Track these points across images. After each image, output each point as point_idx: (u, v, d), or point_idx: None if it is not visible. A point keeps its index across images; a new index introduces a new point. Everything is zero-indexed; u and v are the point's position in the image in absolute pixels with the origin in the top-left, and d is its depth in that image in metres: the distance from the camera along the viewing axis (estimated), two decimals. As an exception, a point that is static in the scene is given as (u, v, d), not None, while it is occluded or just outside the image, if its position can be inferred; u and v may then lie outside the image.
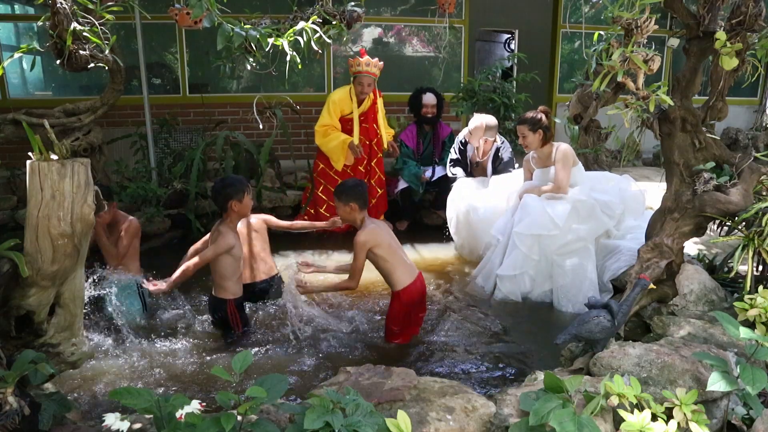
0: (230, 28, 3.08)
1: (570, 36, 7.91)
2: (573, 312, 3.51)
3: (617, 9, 2.65)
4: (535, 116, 3.85)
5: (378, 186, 5.15)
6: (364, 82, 4.74)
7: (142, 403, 1.57)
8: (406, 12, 7.16)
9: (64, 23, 3.28)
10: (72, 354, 2.22)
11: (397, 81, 7.32)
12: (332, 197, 4.93)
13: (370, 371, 2.16)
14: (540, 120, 3.83)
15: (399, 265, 3.03)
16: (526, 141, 3.87)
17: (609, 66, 2.58)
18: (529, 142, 3.87)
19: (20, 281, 2.00)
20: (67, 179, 1.91)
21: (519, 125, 3.91)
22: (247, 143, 5.08)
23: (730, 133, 7.57)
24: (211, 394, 2.55)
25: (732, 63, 2.55)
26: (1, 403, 1.67)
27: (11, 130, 3.99)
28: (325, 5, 3.83)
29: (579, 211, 3.67)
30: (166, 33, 6.66)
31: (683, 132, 2.86)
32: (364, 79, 4.73)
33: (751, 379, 1.86)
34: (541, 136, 3.84)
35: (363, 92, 4.79)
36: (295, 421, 1.68)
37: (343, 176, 4.88)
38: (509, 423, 1.82)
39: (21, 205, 4.68)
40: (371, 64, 4.71)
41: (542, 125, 3.83)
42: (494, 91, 5.99)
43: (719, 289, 2.91)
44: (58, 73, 6.62)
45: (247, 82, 7.17)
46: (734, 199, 2.71)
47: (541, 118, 3.84)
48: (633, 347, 2.19)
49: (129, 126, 6.11)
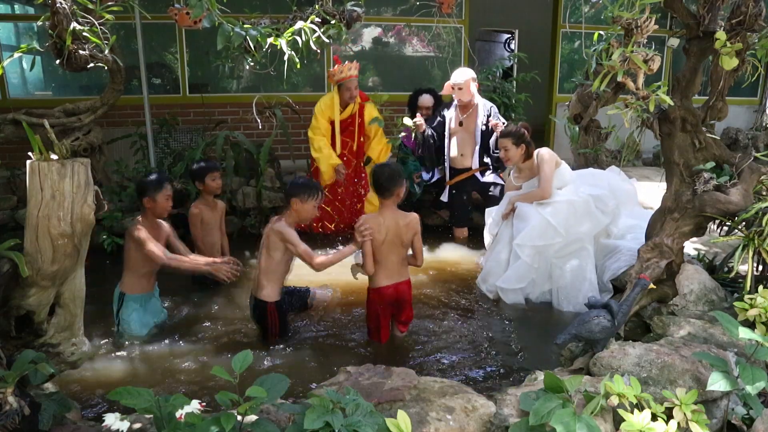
0: (230, 28, 3.08)
1: (570, 36, 7.91)
2: (573, 311, 3.51)
3: (617, 9, 2.65)
4: (519, 130, 3.87)
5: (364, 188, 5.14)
6: (351, 86, 4.71)
7: (142, 403, 1.57)
8: (406, 12, 7.16)
9: (64, 23, 3.28)
10: (72, 354, 2.22)
11: (397, 81, 7.33)
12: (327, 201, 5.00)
13: (370, 371, 2.16)
14: (523, 134, 3.86)
15: (382, 264, 2.99)
16: (508, 154, 3.88)
17: (609, 66, 2.58)
18: (510, 156, 3.89)
19: (20, 281, 2.00)
20: (67, 179, 1.90)
21: (502, 138, 3.92)
22: (247, 143, 5.08)
23: (730, 133, 7.57)
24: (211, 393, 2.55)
25: (732, 63, 2.55)
26: (1, 403, 1.67)
27: (11, 130, 3.99)
28: (325, 5, 3.83)
29: (576, 212, 3.66)
30: (166, 33, 6.67)
31: (683, 132, 2.86)
32: (351, 83, 4.71)
33: (751, 379, 1.86)
34: (524, 150, 3.87)
35: (351, 96, 4.75)
36: (295, 421, 1.68)
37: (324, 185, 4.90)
38: (509, 423, 1.82)
39: (21, 205, 4.67)
40: (352, 68, 4.70)
41: (525, 140, 3.86)
42: (494, 91, 6.00)
43: (719, 289, 2.92)
44: (58, 73, 6.62)
45: (247, 82, 7.17)
46: (734, 199, 2.71)
47: (524, 132, 3.87)
48: (633, 347, 2.19)
49: (129, 126, 6.10)
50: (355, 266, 3.06)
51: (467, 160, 4.87)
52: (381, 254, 2.98)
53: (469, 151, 4.85)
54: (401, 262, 3.06)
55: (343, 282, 3.53)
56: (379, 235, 2.95)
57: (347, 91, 4.71)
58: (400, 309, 3.10)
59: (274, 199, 5.19)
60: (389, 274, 3.02)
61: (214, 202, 3.91)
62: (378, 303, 3.03)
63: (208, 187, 3.78)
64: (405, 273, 3.10)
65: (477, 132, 4.79)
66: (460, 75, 4.69)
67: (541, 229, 3.62)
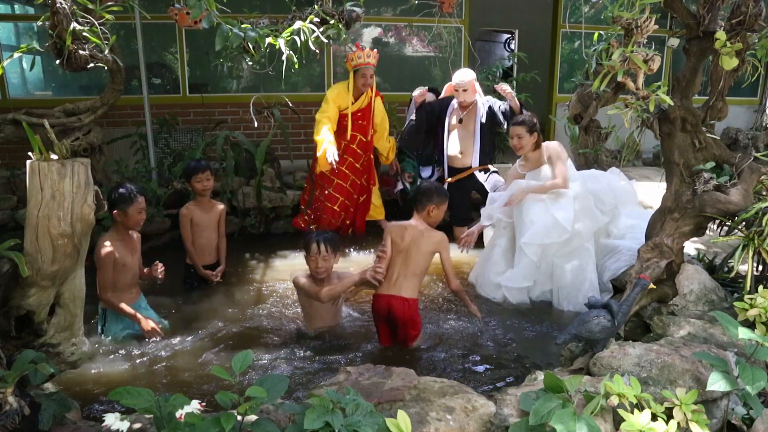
0: (228, 29, 3.08)
1: (570, 36, 7.91)
2: (573, 311, 3.51)
3: (617, 9, 2.65)
4: (532, 118, 3.85)
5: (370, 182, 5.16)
6: (367, 74, 4.67)
7: (142, 403, 1.57)
8: (406, 12, 7.17)
9: (64, 23, 3.28)
10: (72, 354, 2.22)
11: (397, 81, 7.33)
12: (334, 200, 5.03)
13: (370, 371, 2.16)
14: (536, 123, 3.84)
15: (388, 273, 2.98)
16: (522, 142, 3.84)
17: (609, 66, 2.58)
18: (524, 144, 3.84)
19: (20, 281, 2.00)
20: (67, 179, 1.91)
21: (515, 126, 3.87)
22: (247, 143, 5.08)
23: (730, 133, 7.57)
24: (211, 393, 2.55)
25: (732, 63, 2.55)
26: (1, 403, 1.67)
27: (11, 130, 3.99)
28: (324, 5, 3.83)
29: (582, 208, 3.65)
30: (166, 33, 6.66)
31: (683, 132, 2.86)
32: (367, 71, 4.67)
33: (750, 379, 1.86)
34: (536, 139, 3.85)
35: (366, 84, 4.71)
36: (295, 421, 1.68)
37: (340, 177, 4.89)
38: (509, 423, 1.82)
39: (21, 205, 4.67)
40: (371, 56, 4.68)
41: (537, 128, 3.84)
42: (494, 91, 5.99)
43: (719, 289, 2.91)
44: (58, 73, 6.62)
45: (247, 82, 7.17)
46: (734, 199, 2.71)
47: (536, 121, 3.85)
48: (633, 347, 2.19)
49: (129, 126, 6.10)
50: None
51: (467, 159, 4.85)
52: (392, 263, 2.98)
53: (468, 149, 4.83)
54: (407, 278, 2.98)
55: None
56: (401, 243, 2.96)
57: (362, 78, 4.66)
58: (395, 326, 3.00)
59: (274, 199, 5.20)
60: (388, 285, 2.98)
61: (210, 204, 3.83)
62: (373, 309, 3.04)
63: (194, 189, 3.74)
64: (406, 290, 2.98)
65: (477, 130, 4.78)
66: (464, 76, 4.65)
67: (548, 227, 3.61)
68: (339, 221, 5.00)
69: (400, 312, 2.95)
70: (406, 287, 2.99)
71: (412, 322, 2.99)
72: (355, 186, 5.03)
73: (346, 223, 5.07)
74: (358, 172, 4.97)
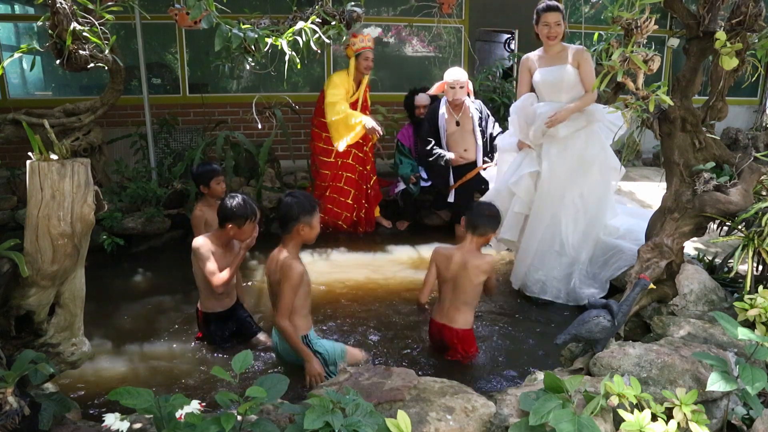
0: (228, 29, 3.08)
1: (570, 36, 7.90)
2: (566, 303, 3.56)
3: (617, 9, 2.65)
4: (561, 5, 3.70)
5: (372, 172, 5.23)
6: (369, 56, 4.80)
7: (142, 403, 1.57)
8: (406, 12, 7.17)
9: (64, 23, 3.28)
10: (72, 354, 2.22)
11: (397, 81, 7.33)
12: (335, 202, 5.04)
13: (370, 371, 2.16)
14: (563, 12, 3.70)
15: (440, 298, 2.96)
16: (559, 30, 3.70)
17: (609, 66, 2.59)
18: (559, 32, 3.71)
19: (20, 281, 2.00)
20: (67, 179, 1.90)
21: (551, 12, 3.66)
22: (247, 143, 5.08)
23: (730, 133, 7.57)
24: (211, 393, 2.55)
25: (732, 63, 2.55)
26: (1, 403, 1.67)
27: (11, 130, 3.99)
28: (325, 5, 3.83)
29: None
30: (166, 33, 6.66)
31: (683, 132, 2.86)
32: (369, 54, 4.80)
33: (750, 379, 1.86)
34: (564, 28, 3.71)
35: (368, 66, 4.82)
36: (295, 421, 1.68)
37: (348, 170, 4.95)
38: (509, 423, 1.82)
39: (21, 205, 4.67)
40: (370, 39, 4.81)
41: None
42: (494, 91, 6.00)
43: (719, 289, 2.91)
44: (58, 73, 6.62)
45: (247, 82, 7.17)
46: (734, 199, 2.71)
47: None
48: (633, 347, 2.19)
49: (129, 126, 6.10)
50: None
51: (471, 154, 4.89)
52: (441, 289, 2.95)
53: (471, 145, 4.87)
54: (458, 309, 2.87)
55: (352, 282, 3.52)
56: (446, 271, 2.88)
57: (365, 61, 4.79)
58: (445, 348, 2.94)
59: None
60: (440, 311, 2.93)
61: (217, 204, 3.85)
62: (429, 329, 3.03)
63: (213, 191, 3.69)
64: (455, 320, 2.87)
65: (476, 129, 4.79)
66: (459, 73, 4.69)
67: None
68: (354, 215, 5.11)
69: (452, 341, 2.90)
70: (458, 318, 2.88)
71: (464, 350, 2.92)
72: (362, 176, 5.14)
73: (361, 216, 5.16)
74: (362, 161, 5.09)
